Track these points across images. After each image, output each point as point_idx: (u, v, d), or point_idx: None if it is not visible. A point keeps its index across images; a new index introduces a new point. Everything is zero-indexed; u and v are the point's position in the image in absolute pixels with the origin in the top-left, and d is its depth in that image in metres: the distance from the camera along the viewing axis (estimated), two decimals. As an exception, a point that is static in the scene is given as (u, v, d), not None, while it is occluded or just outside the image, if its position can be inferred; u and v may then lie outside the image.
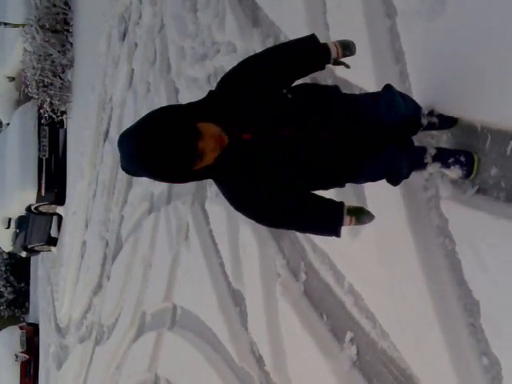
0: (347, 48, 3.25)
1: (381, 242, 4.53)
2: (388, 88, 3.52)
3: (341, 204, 3.25)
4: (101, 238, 13.48)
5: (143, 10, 11.77)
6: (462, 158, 3.79)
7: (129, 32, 12.78)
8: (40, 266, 22.60)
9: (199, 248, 7.97)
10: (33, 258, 24.71)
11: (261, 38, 6.68)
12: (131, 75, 12.22)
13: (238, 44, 7.25)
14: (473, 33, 3.74)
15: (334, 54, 3.20)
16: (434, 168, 3.83)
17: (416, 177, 4.17)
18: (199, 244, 8.00)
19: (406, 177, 3.68)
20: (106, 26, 14.37)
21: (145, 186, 10.64)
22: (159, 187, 9.92)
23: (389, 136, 3.49)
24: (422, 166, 3.85)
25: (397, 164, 3.53)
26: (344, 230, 4.64)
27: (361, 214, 3.32)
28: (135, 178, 11.22)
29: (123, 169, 2.89)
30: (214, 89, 3.13)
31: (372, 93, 3.59)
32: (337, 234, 3.26)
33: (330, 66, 3.29)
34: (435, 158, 3.81)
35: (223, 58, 7.64)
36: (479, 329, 3.72)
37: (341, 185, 3.46)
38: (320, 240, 5.42)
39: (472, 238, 3.72)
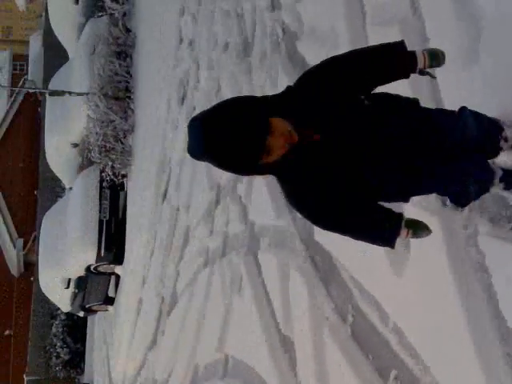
0: (434, 59, 3.14)
1: (423, 279, 4.68)
2: (463, 110, 3.44)
3: (400, 215, 3.18)
4: (157, 294, 13.64)
5: (201, 74, 12.19)
6: None
7: (187, 96, 13.19)
8: (96, 325, 22.84)
9: (252, 298, 8.09)
10: (89, 319, 24.94)
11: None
12: (190, 139, 12.48)
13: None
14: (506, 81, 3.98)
15: (420, 64, 3.11)
16: (496, 188, 3.69)
17: (456, 215, 4.38)
18: (252, 294, 8.12)
19: (475, 198, 3.63)
20: (166, 92, 14.82)
21: (201, 240, 10.86)
22: (215, 241, 10.13)
23: (461, 151, 3.39)
24: (487, 189, 3.68)
25: (467, 180, 3.42)
26: (388, 269, 4.88)
27: (418, 228, 3.21)
28: (192, 234, 11.50)
29: (188, 151, 2.87)
30: (291, 84, 3.10)
31: (448, 110, 3.51)
32: (391, 244, 3.19)
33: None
34: (501, 179, 3.62)
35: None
36: (515, 358, 3.86)
37: (405, 198, 3.40)
38: (366, 282, 5.59)
39: (507, 270, 3.89)
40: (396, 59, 3.12)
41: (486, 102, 4.04)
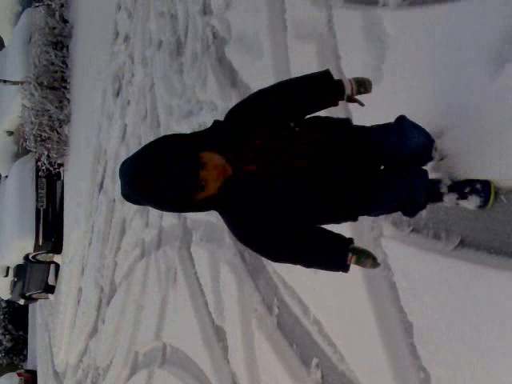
0: (362, 85, 3.17)
1: (336, 276, 5.11)
2: (401, 119, 3.45)
3: (349, 240, 3.15)
4: (96, 284, 13.79)
5: (135, 69, 12.44)
6: (479, 186, 3.69)
7: (122, 89, 13.41)
8: (38, 313, 22.79)
9: (186, 289, 8.45)
10: (31, 306, 24.85)
11: (238, 98, 7.08)
12: (124, 130, 12.74)
13: (218, 103, 7.86)
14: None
15: (348, 91, 3.13)
16: (450, 199, 3.73)
17: (364, 219, 4.81)
18: (186, 285, 8.47)
19: (422, 207, 3.61)
20: (101, 84, 14.96)
21: (137, 232, 11.12)
22: (150, 233, 10.42)
23: (399, 164, 3.43)
24: (438, 197, 3.73)
25: (413, 192, 3.39)
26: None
27: (362, 256, 3.13)
28: (128, 225, 11.76)
29: (123, 195, 2.84)
30: (218, 119, 3.06)
31: (384, 124, 3.46)
32: (345, 269, 3.17)
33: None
34: (451, 189, 3.71)
35: (206, 116, 8.21)
36: (415, 347, 4.30)
37: (353, 218, 3.31)
38: (288, 277, 6.01)
39: (406, 269, 4.35)
40: (322, 88, 3.14)
41: (389, 117, 4.46)
